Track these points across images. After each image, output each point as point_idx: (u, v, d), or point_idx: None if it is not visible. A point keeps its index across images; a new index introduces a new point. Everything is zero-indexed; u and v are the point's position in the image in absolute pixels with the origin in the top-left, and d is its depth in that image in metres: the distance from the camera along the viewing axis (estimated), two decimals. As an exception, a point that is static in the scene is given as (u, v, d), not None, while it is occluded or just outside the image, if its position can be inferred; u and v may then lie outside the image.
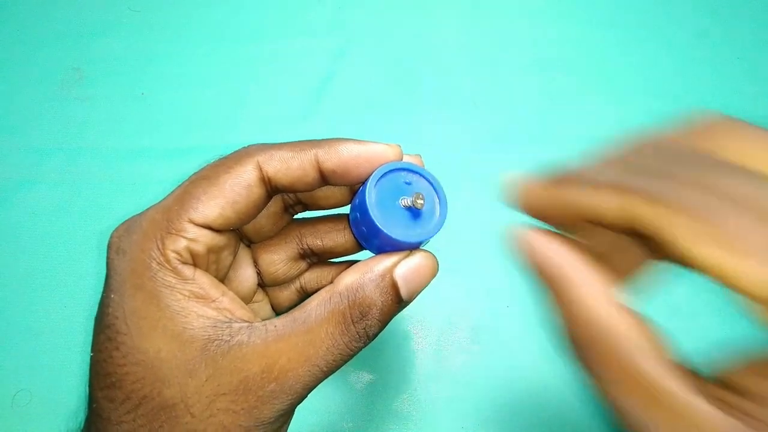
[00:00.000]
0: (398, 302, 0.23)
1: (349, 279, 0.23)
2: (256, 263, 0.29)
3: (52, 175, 0.46)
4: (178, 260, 0.22)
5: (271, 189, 0.25)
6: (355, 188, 0.27)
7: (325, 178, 0.25)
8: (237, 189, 0.24)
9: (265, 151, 0.24)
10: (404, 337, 0.39)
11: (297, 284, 0.31)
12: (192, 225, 0.23)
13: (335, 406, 0.37)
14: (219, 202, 0.23)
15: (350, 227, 0.28)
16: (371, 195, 0.24)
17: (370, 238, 0.25)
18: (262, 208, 0.25)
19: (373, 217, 0.23)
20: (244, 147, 0.25)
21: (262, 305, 0.30)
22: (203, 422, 0.21)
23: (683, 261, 0.16)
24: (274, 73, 0.51)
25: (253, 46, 0.52)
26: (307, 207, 0.29)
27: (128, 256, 0.22)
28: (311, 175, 0.25)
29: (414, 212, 0.25)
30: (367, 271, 0.23)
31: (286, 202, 0.29)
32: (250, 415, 0.21)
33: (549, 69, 0.51)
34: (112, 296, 0.22)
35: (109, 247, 0.23)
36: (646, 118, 0.49)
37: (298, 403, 0.22)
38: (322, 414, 0.37)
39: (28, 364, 0.39)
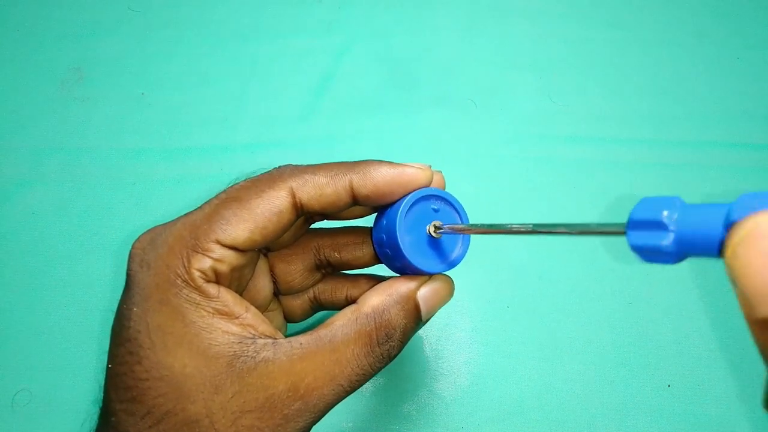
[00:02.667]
0: (418, 322, 0.24)
1: (375, 300, 0.23)
2: (272, 272, 0.29)
3: (52, 175, 0.45)
4: (203, 278, 0.22)
5: (302, 212, 0.25)
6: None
7: (357, 202, 0.25)
8: (268, 215, 0.24)
9: (298, 176, 0.24)
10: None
11: (311, 294, 0.31)
12: (218, 246, 0.23)
13: (335, 406, 0.37)
14: (248, 226, 0.23)
15: (373, 245, 0.28)
16: (401, 225, 0.24)
17: (394, 261, 0.26)
18: (289, 229, 0.25)
19: (401, 246, 0.24)
20: (278, 169, 0.25)
21: (276, 314, 0.30)
22: None
23: None
24: (274, 73, 0.51)
25: (253, 46, 0.52)
26: (326, 217, 0.29)
27: (153, 270, 0.22)
28: (344, 200, 0.25)
29: (438, 239, 0.26)
30: (392, 293, 0.24)
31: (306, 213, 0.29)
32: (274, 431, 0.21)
33: (549, 69, 0.51)
34: (135, 309, 0.22)
35: (131, 258, 0.23)
36: (646, 118, 0.49)
37: (317, 422, 0.23)
38: (322, 414, 0.37)
39: (28, 363, 0.39)
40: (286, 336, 0.23)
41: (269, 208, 0.24)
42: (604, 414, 0.37)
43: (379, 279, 0.29)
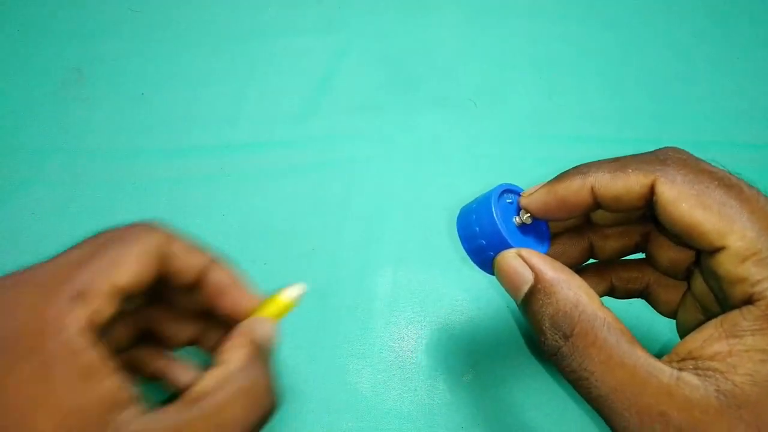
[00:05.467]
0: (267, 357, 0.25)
1: (238, 354, 0.24)
2: None
3: (52, 175, 0.45)
4: (77, 326, 0.19)
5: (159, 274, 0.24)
6: None
7: (197, 286, 0.26)
8: (144, 257, 0.23)
9: (167, 233, 0.24)
10: (403, 337, 0.39)
11: (125, 360, 0.29)
12: (99, 290, 0.21)
13: (335, 406, 0.37)
14: (129, 269, 0.22)
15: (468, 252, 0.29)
16: (497, 207, 0.26)
17: (488, 251, 0.26)
18: (152, 285, 0.24)
19: (499, 227, 0.25)
20: (144, 221, 0.25)
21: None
22: None
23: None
24: (274, 73, 0.51)
25: (252, 46, 0.52)
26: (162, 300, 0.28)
27: (17, 315, 0.19)
28: (192, 275, 0.25)
29: (523, 228, 0.27)
30: (254, 324, 0.25)
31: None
32: None
33: (549, 69, 0.51)
34: None
35: None
36: (646, 118, 0.49)
37: None
38: (322, 414, 0.37)
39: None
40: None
41: (146, 251, 0.23)
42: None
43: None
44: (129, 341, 0.28)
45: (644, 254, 0.30)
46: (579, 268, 0.31)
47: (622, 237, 0.29)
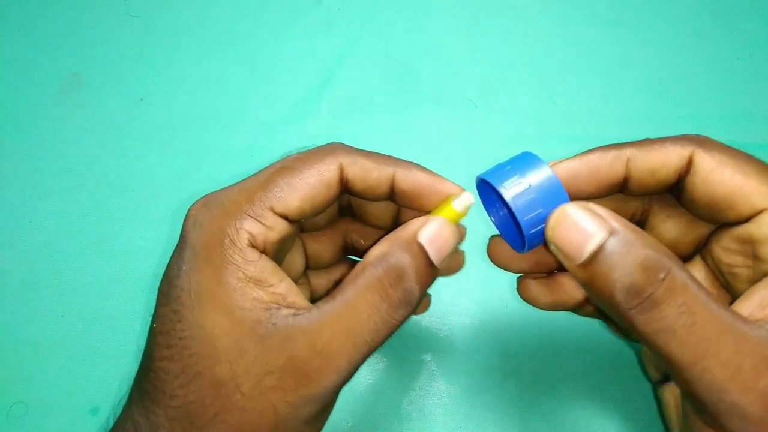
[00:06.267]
0: (430, 265, 0.24)
1: (377, 250, 0.24)
2: (304, 248, 0.31)
3: (50, 182, 0.45)
4: (249, 242, 0.23)
5: (344, 190, 0.26)
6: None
7: (392, 196, 0.27)
8: (318, 186, 0.24)
9: (349, 155, 0.25)
10: (403, 338, 0.39)
11: (337, 275, 0.32)
12: (271, 213, 0.24)
13: (335, 405, 0.37)
14: (299, 195, 0.24)
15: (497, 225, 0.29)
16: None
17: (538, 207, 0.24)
18: (333, 204, 0.26)
19: (559, 184, 0.23)
20: (329, 145, 0.26)
21: (303, 288, 0.31)
22: (253, 400, 0.21)
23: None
24: (274, 75, 0.51)
25: (252, 48, 0.52)
26: (354, 216, 0.31)
27: (205, 229, 0.23)
28: (383, 188, 0.26)
29: None
30: (394, 240, 0.24)
31: (341, 204, 0.30)
32: (296, 392, 0.21)
33: (549, 69, 0.51)
34: (183, 268, 0.23)
35: (186, 219, 0.24)
36: (646, 118, 0.49)
37: (343, 384, 0.23)
38: (324, 417, 0.36)
39: (24, 375, 0.38)
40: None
41: (320, 179, 0.24)
42: (605, 414, 0.37)
43: None
44: (332, 256, 0.31)
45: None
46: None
47: (620, 203, 0.29)
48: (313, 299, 0.31)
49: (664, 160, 0.24)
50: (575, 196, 0.25)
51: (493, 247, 0.30)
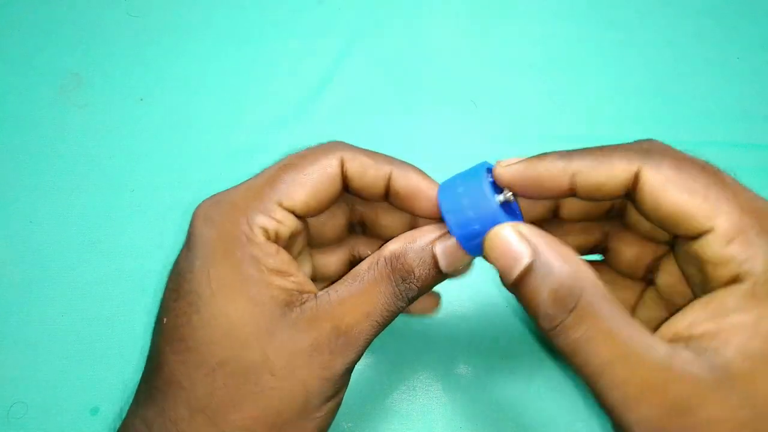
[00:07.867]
0: (438, 272, 0.25)
1: (393, 246, 0.25)
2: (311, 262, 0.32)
3: (50, 182, 0.45)
4: (265, 237, 0.24)
5: (344, 188, 0.27)
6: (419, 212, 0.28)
7: (387, 195, 0.28)
8: (322, 180, 0.26)
9: (349, 151, 0.26)
10: (404, 338, 0.39)
11: (347, 252, 0.33)
12: (280, 208, 0.25)
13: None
14: (305, 190, 0.25)
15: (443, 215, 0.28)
16: (486, 183, 0.25)
17: (473, 224, 0.25)
18: (335, 202, 0.27)
19: (489, 199, 0.24)
20: (329, 142, 0.27)
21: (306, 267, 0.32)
22: (284, 379, 0.23)
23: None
24: (274, 75, 0.51)
25: (252, 49, 0.52)
26: (366, 229, 0.32)
27: (217, 226, 0.24)
28: (380, 186, 0.27)
29: (504, 207, 0.26)
30: (411, 241, 0.25)
31: (349, 219, 0.31)
32: (324, 368, 0.23)
33: (549, 69, 0.51)
34: (197, 263, 0.24)
35: (194, 217, 0.25)
36: (646, 118, 0.49)
37: (358, 359, 0.25)
38: (324, 418, 0.36)
39: (24, 375, 0.38)
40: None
41: (323, 174, 0.26)
42: (606, 414, 0.37)
43: None
44: (337, 270, 0.32)
45: (601, 256, 0.31)
46: None
47: (584, 233, 0.30)
48: (323, 279, 0.33)
49: (609, 175, 0.23)
50: (523, 198, 0.27)
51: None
